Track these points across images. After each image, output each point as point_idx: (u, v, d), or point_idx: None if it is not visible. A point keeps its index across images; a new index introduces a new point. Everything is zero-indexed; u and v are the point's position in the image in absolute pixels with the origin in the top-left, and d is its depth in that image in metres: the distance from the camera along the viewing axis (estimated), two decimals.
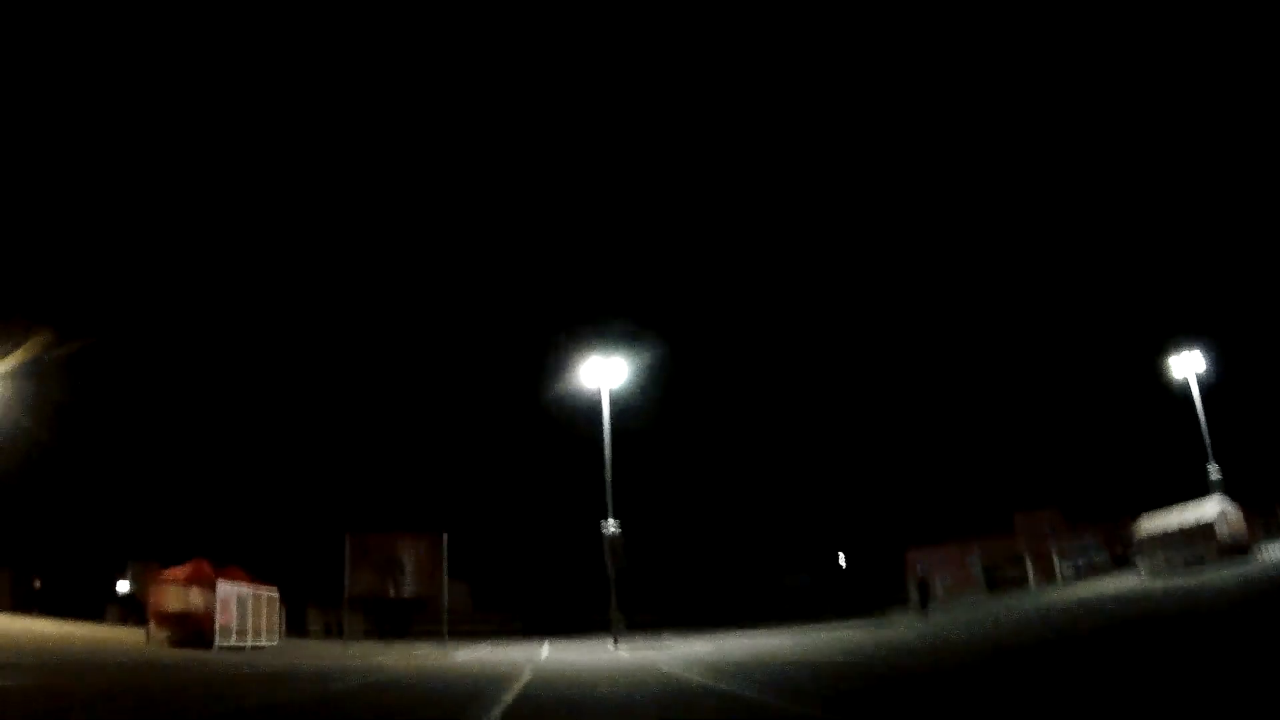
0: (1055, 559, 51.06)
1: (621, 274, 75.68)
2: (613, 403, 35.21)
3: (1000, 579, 51.61)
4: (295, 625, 40.79)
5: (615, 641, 31.75)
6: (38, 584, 44.31)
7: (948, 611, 39.01)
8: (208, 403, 56.26)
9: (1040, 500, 56.97)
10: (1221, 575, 30.10)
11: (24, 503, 39.95)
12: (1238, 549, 36.94)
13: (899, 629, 30.18)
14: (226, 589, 31.11)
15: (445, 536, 40.55)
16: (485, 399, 61.14)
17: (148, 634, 30.71)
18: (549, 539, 50.90)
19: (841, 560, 60.78)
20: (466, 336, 66.81)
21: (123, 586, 44.29)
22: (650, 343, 46.29)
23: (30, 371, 32.88)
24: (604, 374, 35.29)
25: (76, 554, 43.31)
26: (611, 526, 33.42)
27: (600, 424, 34.73)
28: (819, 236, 79.00)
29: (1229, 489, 43.27)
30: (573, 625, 43.12)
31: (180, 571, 31.75)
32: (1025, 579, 50.37)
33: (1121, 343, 58.55)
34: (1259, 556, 35.05)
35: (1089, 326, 64.80)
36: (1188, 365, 46.02)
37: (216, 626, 29.64)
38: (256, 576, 34.16)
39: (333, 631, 40.28)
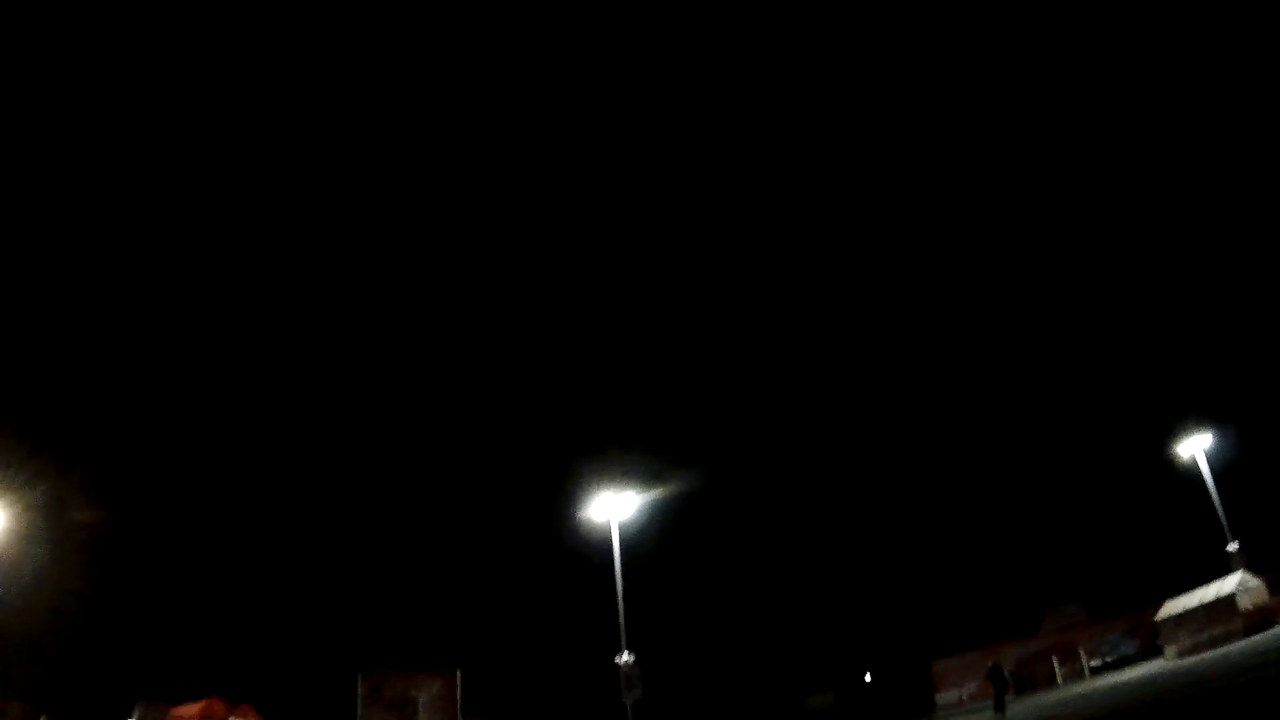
0: (1082, 654, 52.12)
1: (627, 406, 77.79)
2: (624, 532, 37.48)
3: (1027, 679, 52.49)
4: None
5: None
6: None
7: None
8: (223, 541, 57.79)
9: (1064, 597, 58.27)
10: (1242, 648, 31.43)
11: (39, 635, 41.14)
12: (1263, 621, 38.08)
13: None
14: None
15: (459, 673, 41.69)
16: (497, 536, 62.53)
17: None
18: (565, 673, 51.83)
19: (867, 677, 61.36)
20: (478, 473, 68.56)
21: None
22: (661, 473, 48.71)
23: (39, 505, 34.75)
24: (614, 508, 37.57)
25: (87, 691, 44.00)
26: (626, 657, 35.20)
27: (612, 556, 36.82)
28: (817, 343, 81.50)
29: (1253, 564, 44.80)
30: None
31: (192, 709, 33.00)
32: (1053, 677, 51.28)
33: (1129, 431, 60.35)
34: None
35: (1095, 420, 66.62)
36: (1196, 446, 48.19)
37: None
38: (270, 717, 35.44)
39: None
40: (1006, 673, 53.23)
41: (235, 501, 60.49)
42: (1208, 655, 33.74)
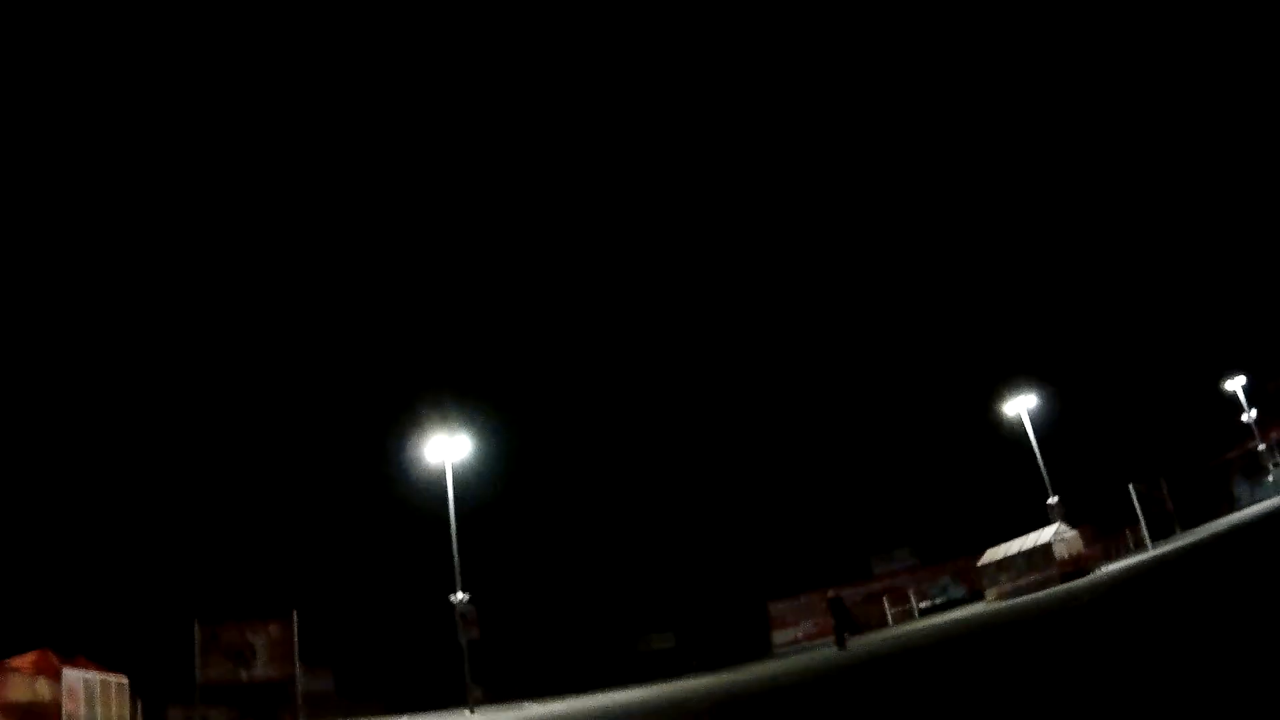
0: (912, 597, 55.55)
1: (461, 348, 77.33)
2: (458, 477, 38.76)
3: (861, 621, 55.59)
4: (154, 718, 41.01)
5: (471, 710, 34.50)
6: None
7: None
8: (50, 490, 55.36)
9: (895, 544, 61.85)
10: (1056, 591, 34.28)
11: None
12: (1077, 569, 41.42)
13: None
14: (73, 676, 31.53)
15: (295, 615, 41.57)
16: (331, 479, 61.66)
17: None
18: (405, 616, 52.07)
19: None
20: (311, 415, 67.21)
21: None
22: (499, 419, 49.14)
23: None
24: (448, 449, 38.79)
25: None
26: (461, 597, 36.34)
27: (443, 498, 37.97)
28: (647, 286, 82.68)
29: (1074, 518, 48.52)
30: (433, 700, 44.39)
31: (24, 660, 31.99)
32: (884, 619, 54.52)
33: (960, 390, 63.97)
34: (1099, 574, 39.27)
35: (928, 378, 70.15)
36: (1021, 405, 51.70)
37: (64, 715, 30.16)
38: (106, 668, 34.63)
39: None
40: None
41: (61, 449, 57.76)
42: (1025, 598, 36.50)
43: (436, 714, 38.30)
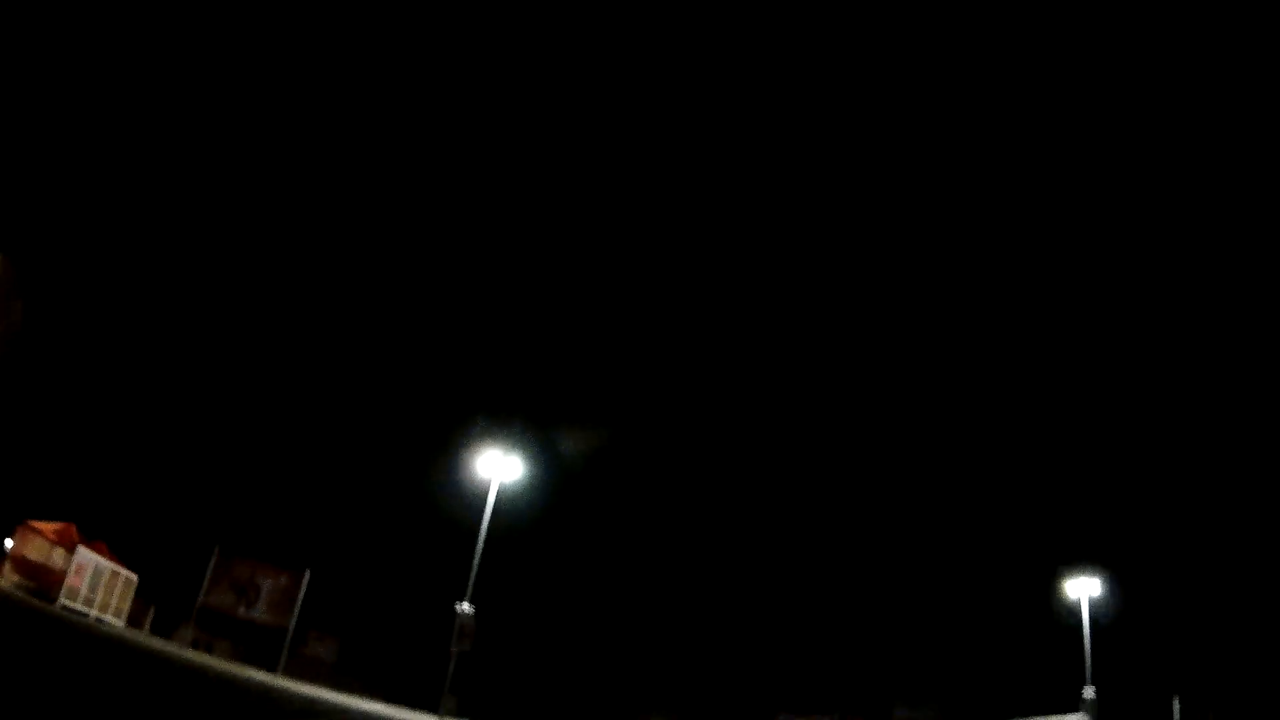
0: None
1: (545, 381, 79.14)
2: (502, 503, 39.43)
3: None
4: (161, 631, 43.23)
5: (440, 716, 35.49)
6: None
7: None
8: (111, 380, 58.93)
9: (921, 695, 60.59)
10: None
11: None
12: None
13: None
14: (85, 554, 33.88)
15: (307, 574, 43.42)
16: (380, 467, 63.93)
17: (1, 574, 33.34)
18: (415, 610, 53.45)
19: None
20: (389, 406, 69.84)
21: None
22: (553, 453, 50.44)
23: None
24: (499, 467, 39.69)
25: None
26: (465, 607, 36.89)
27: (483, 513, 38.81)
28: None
29: (1106, 715, 47.18)
30: (413, 696, 45.45)
31: (49, 526, 34.52)
32: None
33: (1022, 555, 62.78)
34: None
35: (993, 539, 68.97)
36: (1083, 588, 50.76)
37: (65, 584, 32.43)
38: (121, 560, 37.09)
39: (200, 646, 42.36)
40: None
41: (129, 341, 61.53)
42: None
43: (408, 710, 39.38)
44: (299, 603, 42.91)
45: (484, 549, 38.19)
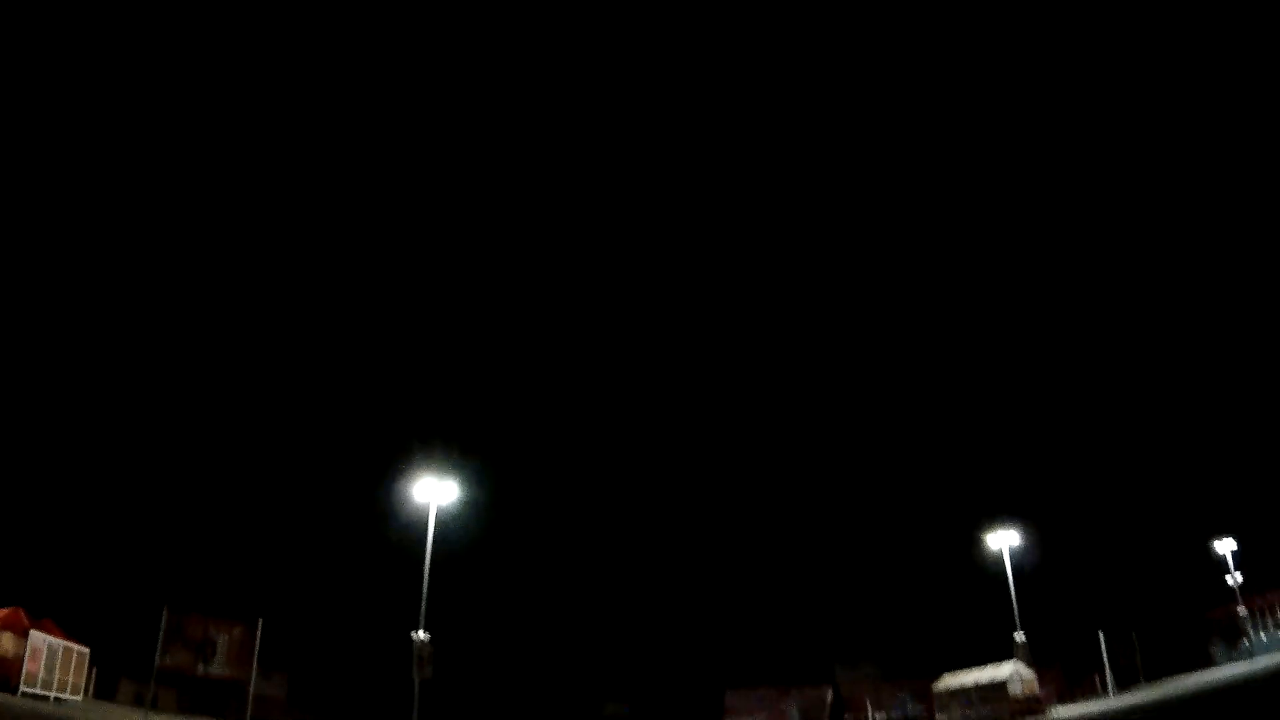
0: (869, 708, 56.99)
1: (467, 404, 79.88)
2: (442, 526, 40.64)
3: None
4: (104, 692, 43.39)
5: None
6: None
7: None
8: (41, 453, 58.26)
9: (857, 655, 63.37)
10: None
11: None
12: (1029, 710, 42.85)
13: None
14: (39, 638, 33.95)
15: (260, 623, 43.81)
16: (318, 504, 64.31)
17: None
18: (367, 642, 54.21)
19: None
20: (313, 441, 70.00)
21: None
22: (484, 471, 51.36)
23: None
24: (435, 491, 40.71)
25: None
26: (421, 635, 38.02)
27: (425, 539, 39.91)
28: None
29: (1041, 657, 50.06)
30: None
31: None
32: None
33: (943, 513, 65.97)
34: (1051, 716, 40.58)
35: (915, 497, 72.05)
36: (1004, 540, 53.67)
37: (24, 672, 32.66)
38: (71, 635, 37.22)
39: (144, 703, 42.55)
40: (795, 716, 58.06)
41: (57, 418, 60.97)
42: None
43: None
44: (256, 652, 43.30)
45: (429, 570, 39.34)
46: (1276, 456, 62.63)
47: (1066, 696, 52.53)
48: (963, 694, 46.42)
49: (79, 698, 36.35)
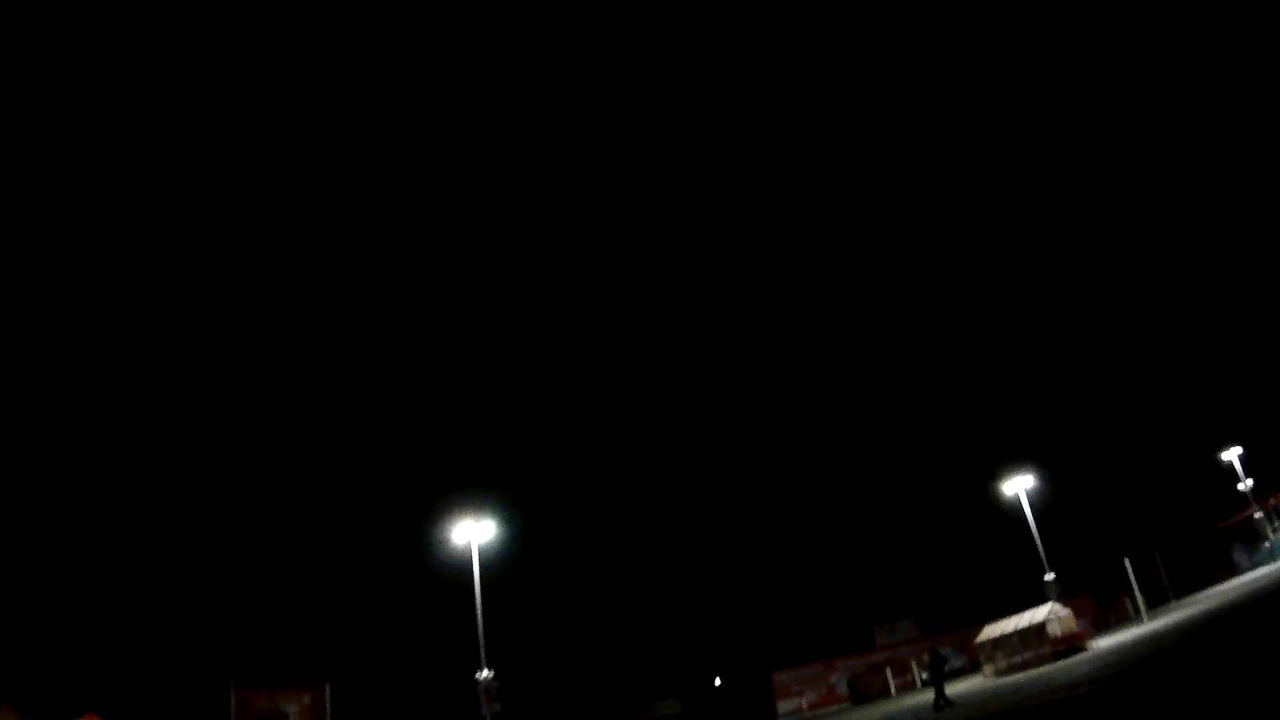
0: (914, 667, 58.71)
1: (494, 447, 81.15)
2: (483, 557, 41.42)
3: (864, 691, 58.79)
4: None
5: None
6: None
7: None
8: (90, 553, 58.82)
9: (897, 614, 65.09)
10: (1051, 670, 37.40)
11: None
12: (1070, 647, 44.46)
13: None
14: None
15: (328, 688, 44.70)
16: (365, 559, 65.42)
17: None
18: (430, 688, 55.31)
19: (717, 682, 67.00)
20: (347, 500, 71.15)
21: None
22: (513, 504, 52.33)
23: None
24: (473, 532, 41.56)
25: None
26: (485, 673, 38.99)
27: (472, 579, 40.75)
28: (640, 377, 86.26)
29: (1073, 589, 51.67)
30: None
31: None
32: (887, 688, 57.65)
33: (960, 468, 67.80)
34: (1091, 649, 42.17)
35: (931, 458, 73.80)
36: (1019, 485, 55.10)
37: None
38: None
39: None
40: (843, 686, 59.69)
41: (103, 513, 61.51)
42: (1020, 676, 39.66)
43: None
44: (328, 715, 44.20)
45: (481, 601, 40.21)
46: (1272, 361, 64.50)
47: (1100, 624, 54.33)
48: (1003, 641, 47.86)
49: None
